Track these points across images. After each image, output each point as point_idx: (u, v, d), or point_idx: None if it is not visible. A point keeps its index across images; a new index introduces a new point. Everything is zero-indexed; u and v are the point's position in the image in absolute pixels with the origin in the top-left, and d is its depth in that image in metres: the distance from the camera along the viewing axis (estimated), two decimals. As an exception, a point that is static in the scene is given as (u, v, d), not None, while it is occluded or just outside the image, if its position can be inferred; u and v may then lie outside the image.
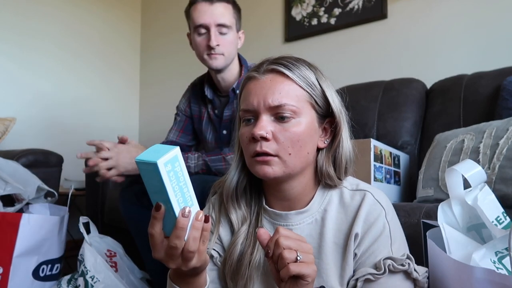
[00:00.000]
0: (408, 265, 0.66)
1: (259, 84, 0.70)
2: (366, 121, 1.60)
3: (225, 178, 0.80)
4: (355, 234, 0.69)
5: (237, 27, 1.29)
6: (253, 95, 0.70)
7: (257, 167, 0.69)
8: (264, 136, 0.67)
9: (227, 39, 1.25)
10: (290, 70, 0.70)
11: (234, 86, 1.31)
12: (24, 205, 1.40)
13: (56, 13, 2.50)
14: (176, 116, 1.48)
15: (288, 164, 0.69)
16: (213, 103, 1.38)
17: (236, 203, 0.78)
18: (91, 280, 1.20)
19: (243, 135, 0.72)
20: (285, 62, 0.71)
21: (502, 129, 1.05)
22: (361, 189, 0.73)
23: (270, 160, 0.68)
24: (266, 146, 0.68)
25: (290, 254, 0.58)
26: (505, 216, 0.73)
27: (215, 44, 1.22)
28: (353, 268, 0.70)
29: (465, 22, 1.68)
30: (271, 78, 0.70)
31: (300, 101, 0.70)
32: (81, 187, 2.02)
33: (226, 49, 1.25)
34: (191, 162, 1.19)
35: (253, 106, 0.70)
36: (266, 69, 0.71)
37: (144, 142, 2.96)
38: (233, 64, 1.31)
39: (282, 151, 0.68)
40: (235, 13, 1.28)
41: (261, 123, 0.68)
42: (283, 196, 0.75)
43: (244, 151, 0.73)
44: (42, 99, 2.43)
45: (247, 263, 0.74)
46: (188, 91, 1.48)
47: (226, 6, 1.24)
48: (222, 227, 0.80)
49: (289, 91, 0.69)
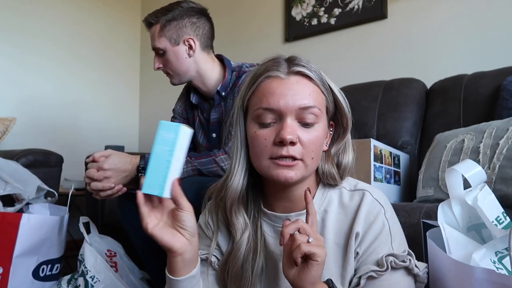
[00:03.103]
0: (409, 261, 0.67)
1: (284, 84, 0.68)
2: (366, 121, 1.60)
3: (227, 183, 0.75)
4: (355, 234, 0.69)
5: (173, 41, 1.26)
6: (279, 95, 0.67)
7: (278, 171, 0.67)
8: (293, 141, 0.66)
9: (166, 59, 1.28)
10: (314, 73, 0.70)
11: (218, 88, 1.29)
12: (24, 205, 1.39)
13: (56, 14, 2.51)
14: (173, 119, 1.47)
15: (309, 168, 0.69)
16: (201, 107, 1.37)
17: (242, 208, 0.77)
18: (91, 280, 1.20)
19: (260, 136, 0.69)
20: (305, 64, 0.71)
21: (502, 129, 1.05)
22: (360, 188, 0.74)
23: (295, 165, 0.67)
24: (293, 151, 0.66)
25: (302, 236, 0.61)
26: (505, 216, 0.73)
27: (155, 67, 1.30)
28: (354, 267, 0.70)
29: (465, 22, 1.68)
30: (297, 80, 0.69)
31: (322, 106, 0.70)
32: (81, 187, 2.02)
33: (170, 67, 1.29)
34: None
35: (278, 106, 0.67)
36: (291, 71, 0.70)
37: (144, 142, 2.96)
38: (204, 70, 1.29)
39: (306, 155, 0.68)
40: (164, 31, 1.26)
41: (289, 127, 0.66)
42: (288, 197, 0.75)
43: (259, 153, 0.69)
44: (42, 99, 2.43)
45: (249, 269, 0.74)
46: (183, 94, 1.47)
47: (155, 28, 1.27)
48: (221, 233, 0.80)
49: (315, 94, 0.70)
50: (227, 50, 1.36)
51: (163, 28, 1.26)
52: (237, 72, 1.30)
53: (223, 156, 1.15)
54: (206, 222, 0.83)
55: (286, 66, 0.71)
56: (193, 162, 1.17)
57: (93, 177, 1.05)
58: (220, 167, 1.15)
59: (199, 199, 1.02)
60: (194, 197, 1.03)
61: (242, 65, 1.33)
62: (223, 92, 1.29)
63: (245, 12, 2.46)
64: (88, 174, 1.06)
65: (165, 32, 1.26)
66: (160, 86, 2.88)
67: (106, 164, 1.06)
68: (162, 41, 1.26)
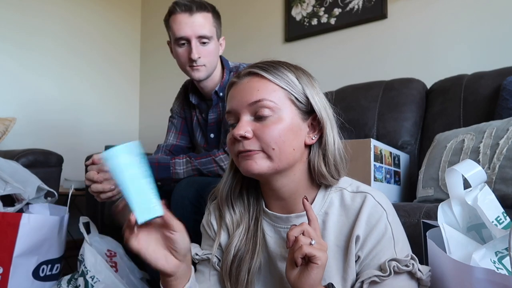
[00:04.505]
0: (413, 266, 0.66)
1: (238, 87, 0.73)
2: (366, 121, 1.60)
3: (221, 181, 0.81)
4: (356, 236, 0.69)
5: (217, 35, 1.25)
6: (233, 98, 0.73)
7: (242, 164, 0.71)
8: (243, 135, 0.69)
9: (208, 49, 1.22)
10: (266, 71, 0.72)
11: (216, 89, 1.29)
12: (24, 205, 1.39)
13: (56, 12, 2.50)
14: (171, 119, 1.46)
15: (273, 158, 0.69)
16: (200, 107, 1.37)
17: (232, 207, 0.79)
18: (91, 280, 1.20)
19: (228, 137, 0.74)
20: (262, 64, 0.74)
21: (502, 129, 1.05)
22: (362, 191, 0.73)
23: (253, 155, 0.69)
24: (248, 145, 0.69)
25: (305, 239, 0.63)
26: (505, 216, 0.73)
27: (197, 56, 1.20)
28: (356, 271, 0.70)
29: (465, 22, 1.69)
30: (248, 80, 0.73)
31: (279, 98, 0.71)
32: (81, 187, 2.02)
33: (208, 59, 1.23)
34: (179, 168, 1.16)
35: (232, 108, 0.73)
36: (244, 73, 0.74)
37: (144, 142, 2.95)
38: (215, 70, 1.29)
39: (265, 147, 0.69)
40: (215, 22, 1.24)
41: (240, 123, 0.70)
42: (277, 196, 0.75)
43: (231, 151, 0.74)
44: (42, 99, 2.43)
45: (246, 269, 0.75)
46: (181, 93, 1.46)
47: (206, 16, 1.21)
48: (223, 232, 0.80)
49: (266, 88, 0.71)
50: (227, 49, 1.36)
51: (215, 18, 1.23)
52: (234, 73, 1.29)
53: (222, 156, 1.15)
54: (209, 222, 0.83)
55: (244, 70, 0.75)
56: (193, 162, 1.17)
57: (93, 179, 1.05)
58: (219, 167, 1.15)
59: (199, 199, 1.02)
60: (194, 197, 1.03)
61: (239, 65, 1.33)
62: (220, 93, 1.28)
63: (245, 12, 2.46)
64: (88, 177, 1.06)
65: (215, 23, 1.23)
66: (160, 86, 2.89)
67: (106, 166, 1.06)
68: (212, 30, 1.22)
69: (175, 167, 1.16)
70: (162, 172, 1.14)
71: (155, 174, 1.10)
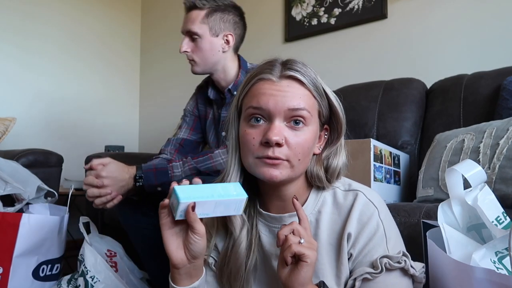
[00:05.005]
0: (405, 262, 0.67)
1: (275, 86, 0.69)
2: (366, 121, 1.60)
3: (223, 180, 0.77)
4: (347, 234, 0.70)
5: (214, 32, 1.27)
6: (269, 96, 0.68)
7: (264, 169, 0.68)
8: (279, 142, 0.67)
9: (198, 45, 1.26)
10: (306, 78, 0.70)
11: (230, 87, 1.31)
12: (24, 205, 1.39)
13: (56, 15, 2.51)
14: (184, 117, 1.49)
15: (295, 169, 0.69)
16: (217, 102, 1.39)
17: None
18: (91, 280, 1.20)
19: (249, 135, 0.70)
20: (299, 68, 0.71)
21: (502, 129, 1.05)
22: (354, 189, 0.74)
23: (280, 164, 0.68)
24: (279, 152, 0.67)
25: (294, 237, 0.63)
26: (505, 216, 0.73)
27: (182, 50, 1.27)
28: (349, 268, 0.70)
29: (465, 22, 1.68)
30: (288, 84, 0.70)
31: (313, 109, 0.70)
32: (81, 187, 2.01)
33: (197, 55, 1.27)
34: (177, 170, 1.17)
35: (267, 106, 0.68)
36: (283, 75, 0.70)
37: (144, 142, 2.96)
38: (228, 68, 1.31)
39: (292, 156, 0.68)
40: (209, 19, 1.26)
41: (276, 128, 0.67)
42: (280, 196, 0.75)
43: (247, 152, 0.70)
44: (42, 99, 2.43)
45: (243, 267, 0.75)
46: (195, 94, 1.49)
47: (198, 13, 1.26)
48: (219, 233, 0.80)
49: (306, 97, 0.70)
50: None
51: (208, 16, 1.27)
52: None
53: (220, 151, 1.16)
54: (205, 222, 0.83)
55: (279, 69, 0.71)
56: (190, 162, 1.18)
57: (92, 183, 1.06)
58: (216, 162, 1.16)
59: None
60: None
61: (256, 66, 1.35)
62: (234, 91, 1.30)
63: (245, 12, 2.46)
64: (87, 181, 1.07)
65: (209, 20, 1.27)
66: (160, 86, 2.89)
67: (104, 172, 1.07)
68: (202, 27, 1.26)
69: (173, 170, 1.17)
70: (161, 176, 1.14)
71: (154, 180, 1.11)
